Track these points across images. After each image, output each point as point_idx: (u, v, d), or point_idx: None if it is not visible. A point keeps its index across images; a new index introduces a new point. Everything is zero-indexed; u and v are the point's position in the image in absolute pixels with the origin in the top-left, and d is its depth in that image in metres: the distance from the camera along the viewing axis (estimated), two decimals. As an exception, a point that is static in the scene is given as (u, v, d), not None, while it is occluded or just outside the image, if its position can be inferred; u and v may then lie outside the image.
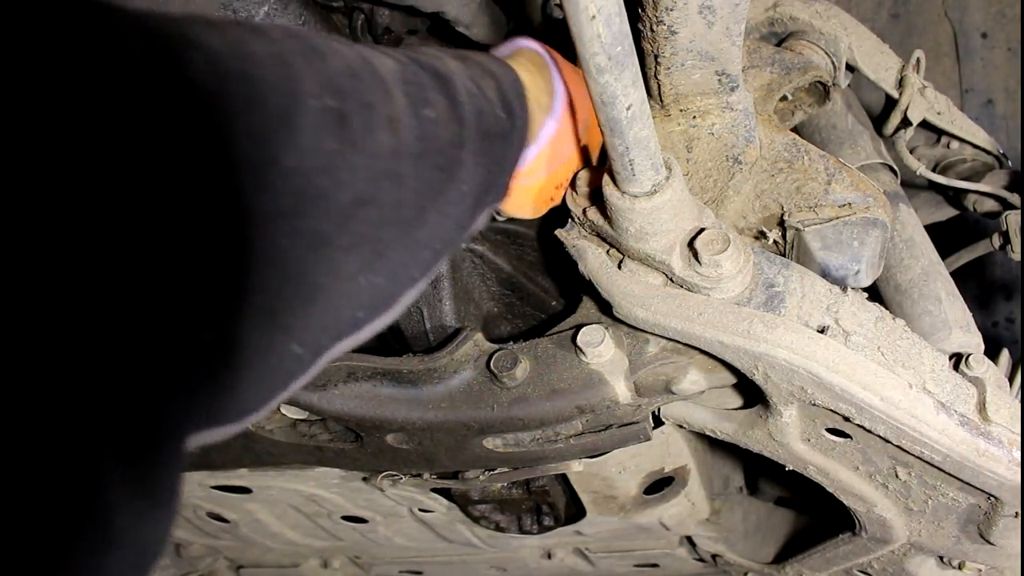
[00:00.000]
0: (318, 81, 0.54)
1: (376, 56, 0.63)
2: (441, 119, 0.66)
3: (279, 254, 0.50)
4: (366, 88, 0.59)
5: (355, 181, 0.56)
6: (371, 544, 1.74)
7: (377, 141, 0.58)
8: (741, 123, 1.01)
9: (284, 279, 0.50)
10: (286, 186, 0.50)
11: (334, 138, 0.54)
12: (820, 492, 1.12)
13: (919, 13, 2.08)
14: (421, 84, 0.65)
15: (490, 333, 1.20)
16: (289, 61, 0.52)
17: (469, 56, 0.78)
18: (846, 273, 1.00)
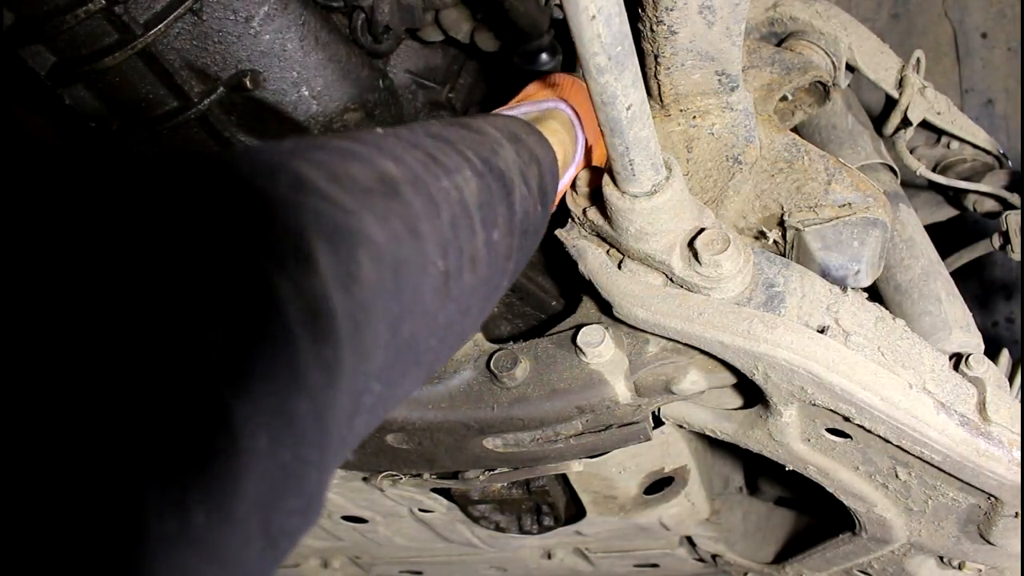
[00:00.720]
0: (436, 243, 0.59)
1: (466, 181, 0.65)
2: (503, 236, 0.69)
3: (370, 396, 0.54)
4: (462, 235, 0.63)
5: (442, 326, 0.61)
6: (371, 544, 1.74)
7: (463, 283, 0.63)
8: (741, 123, 1.01)
9: (365, 413, 0.54)
10: (396, 343, 0.55)
11: (440, 295, 0.59)
12: (820, 492, 1.12)
13: (919, 13, 2.08)
14: (492, 203, 0.68)
15: (490, 333, 1.20)
16: (418, 230, 0.57)
17: (521, 137, 0.79)
18: (846, 273, 1.00)
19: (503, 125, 0.78)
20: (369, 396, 0.52)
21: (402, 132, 0.66)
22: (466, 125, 0.74)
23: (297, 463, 0.43)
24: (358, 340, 0.49)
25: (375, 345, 0.51)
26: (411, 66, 1.27)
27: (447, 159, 0.65)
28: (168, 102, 1.07)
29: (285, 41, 1.04)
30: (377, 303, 0.51)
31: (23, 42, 0.99)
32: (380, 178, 0.56)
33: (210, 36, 1.01)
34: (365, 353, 0.50)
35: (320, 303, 0.46)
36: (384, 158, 0.59)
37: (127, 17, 0.97)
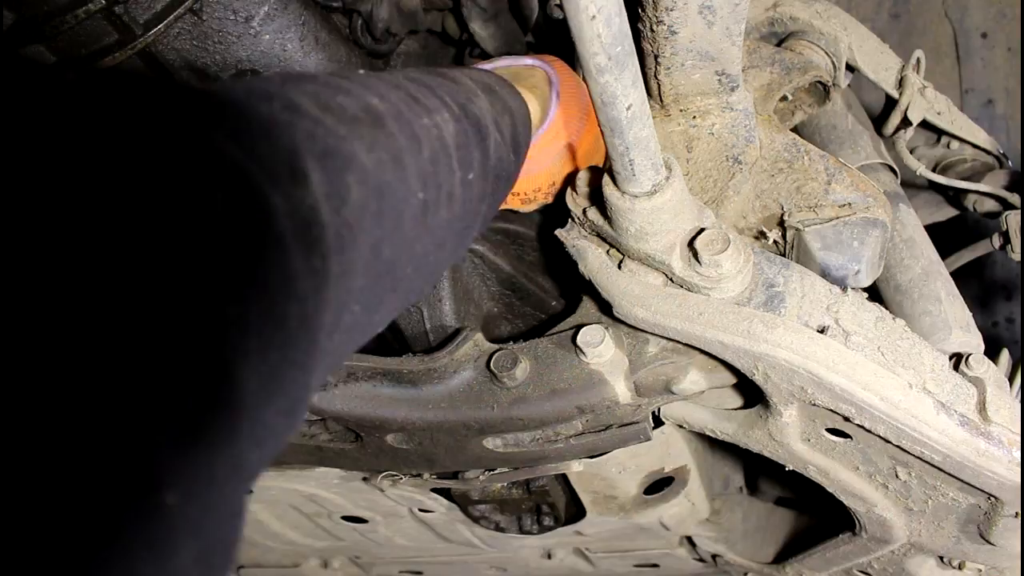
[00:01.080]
0: (418, 174, 0.62)
1: (445, 123, 0.68)
2: (477, 179, 0.72)
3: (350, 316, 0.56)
4: (441, 171, 0.66)
5: (418, 255, 0.64)
6: (371, 544, 1.74)
7: (440, 217, 0.66)
8: (741, 123, 1.01)
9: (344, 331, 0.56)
10: (376, 267, 0.57)
11: (418, 224, 0.62)
12: (820, 492, 1.12)
13: (919, 13, 2.09)
14: (468, 146, 0.71)
15: (490, 333, 1.20)
16: (402, 160, 0.60)
17: (494, 88, 0.82)
18: (846, 273, 1.00)
19: (478, 77, 0.82)
20: (349, 315, 0.55)
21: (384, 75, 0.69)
22: (443, 74, 0.77)
23: (284, 364, 0.45)
24: (343, 256, 0.51)
25: (357, 263, 0.54)
26: (411, 66, 1.27)
27: (427, 101, 0.68)
28: (168, 102, 1.07)
29: (285, 41, 1.04)
30: (362, 223, 0.53)
31: (23, 42, 0.99)
32: (366, 109, 0.59)
33: (210, 36, 1.01)
34: (348, 269, 0.53)
35: (311, 216, 0.48)
36: (370, 93, 0.61)
37: (127, 17, 0.97)
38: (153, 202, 0.38)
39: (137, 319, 0.35)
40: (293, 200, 0.47)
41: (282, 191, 0.46)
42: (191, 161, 0.41)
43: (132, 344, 0.35)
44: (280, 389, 0.45)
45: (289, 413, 0.47)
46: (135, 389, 0.34)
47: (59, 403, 0.32)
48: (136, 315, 0.35)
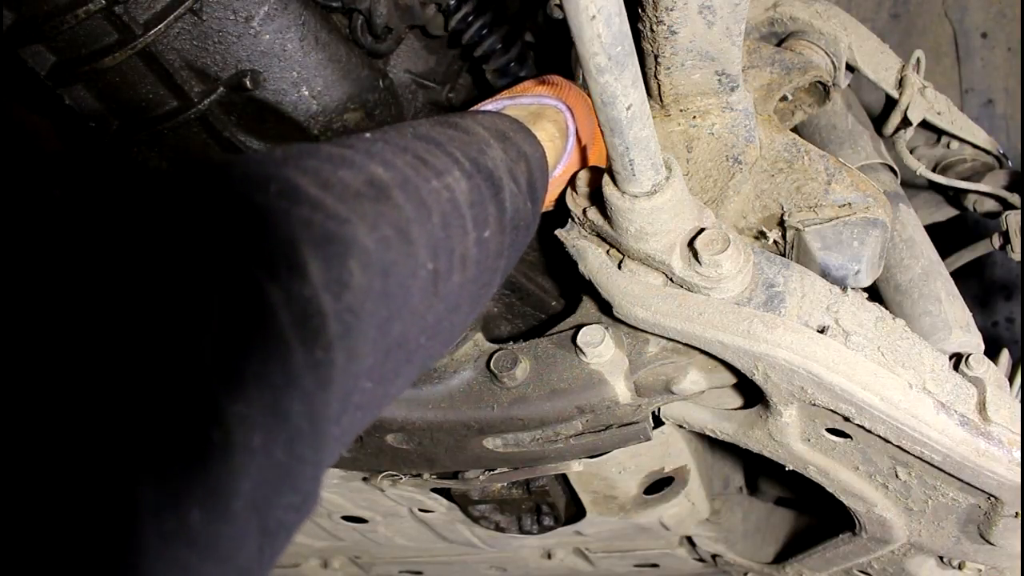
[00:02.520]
0: (427, 245, 0.60)
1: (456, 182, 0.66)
2: (493, 235, 0.70)
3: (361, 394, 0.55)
4: (454, 235, 0.64)
5: (431, 324, 0.62)
6: (371, 544, 1.74)
7: (452, 283, 0.64)
8: (741, 123, 1.01)
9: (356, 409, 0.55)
10: (385, 343, 0.56)
11: (429, 295, 0.60)
12: (820, 492, 1.12)
13: (919, 13, 2.08)
14: (483, 202, 0.69)
15: (490, 333, 1.20)
16: (409, 234, 0.58)
17: (508, 135, 0.79)
18: (846, 273, 1.00)
19: (490, 123, 0.79)
20: (360, 394, 0.54)
21: (391, 136, 0.67)
22: (454, 125, 0.75)
23: (292, 460, 0.45)
24: (348, 342, 0.50)
25: (364, 346, 0.53)
26: (411, 66, 1.27)
27: (436, 160, 0.66)
28: (168, 102, 1.07)
29: (285, 41, 1.04)
30: (366, 307, 0.52)
31: (23, 42, 0.99)
32: (370, 182, 0.58)
33: (210, 36, 1.01)
34: (355, 354, 0.52)
35: (311, 308, 0.47)
36: (374, 163, 0.60)
37: (127, 17, 0.97)
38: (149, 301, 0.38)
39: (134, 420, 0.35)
40: (291, 293, 0.46)
41: (280, 285, 0.45)
42: (188, 259, 0.41)
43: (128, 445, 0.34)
44: (288, 485, 0.45)
45: (299, 508, 0.47)
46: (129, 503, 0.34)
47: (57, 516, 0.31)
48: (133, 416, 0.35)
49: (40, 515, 0.31)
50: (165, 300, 0.39)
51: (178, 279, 0.40)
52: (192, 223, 0.44)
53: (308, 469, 0.47)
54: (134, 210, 0.42)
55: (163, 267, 0.40)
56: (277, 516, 0.44)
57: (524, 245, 0.81)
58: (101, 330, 0.36)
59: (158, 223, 0.42)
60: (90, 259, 0.38)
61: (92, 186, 0.43)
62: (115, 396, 0.35)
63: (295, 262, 0.48)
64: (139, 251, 0.40)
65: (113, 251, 0.39)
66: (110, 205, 0.42)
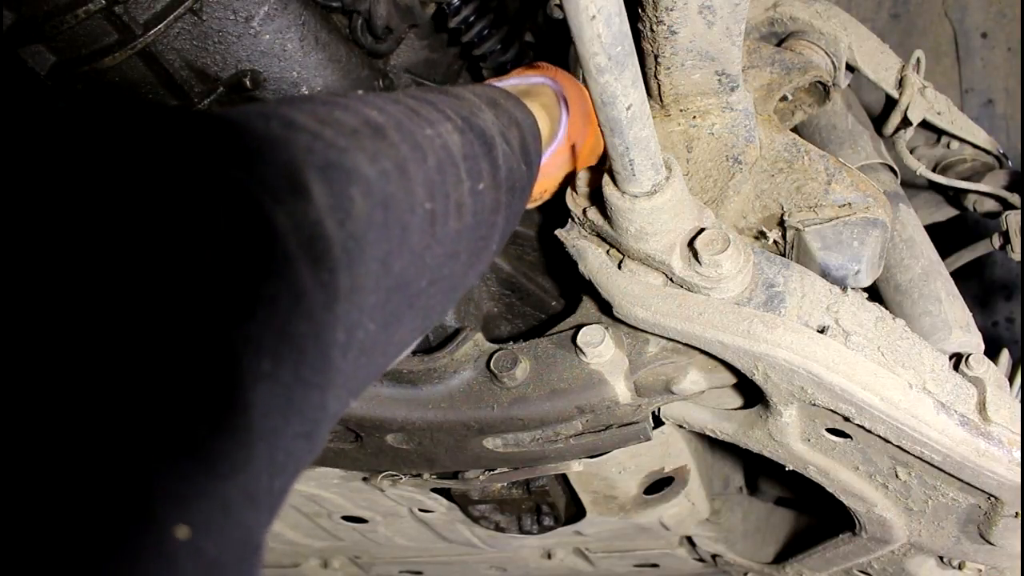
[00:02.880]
0: (423, 184, 0.60)
1: (449, 134, 0.67)
2: (487, 189, 0.71)
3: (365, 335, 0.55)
4: (448, 180, 0.64)
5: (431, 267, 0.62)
6: (371, 544, 1.74)
7: (449, 228, 0.64)
8: (741, 123, 1.01)
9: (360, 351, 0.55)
10: (387, 281, 0.56)
11: (426, 235, 0.61)
12: (820, 492, 1.12)
13: (919, 13, 2.08)
14: (476, 156, 0.69)
15: (490, 333, 1.20)
16: (407, 170, 0.59)
17: (499, 102, 0.80)
18: (846, 273, 1.00)
19: (482, 92, 0.80)
20: (363, 332, 0.53)
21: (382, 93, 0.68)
22: (444, 91, 0.76)
23: (298, 384, 0.44)
24: (352, 270, 0.51)
25: (367, 279, 0.53)
26: (411, 66, 1.27)
27: (428, 113, 0.67)
28: (168, 102, 1.07)
29: (285, 41, 1.04)
30: (368, 236, 0.52)
31: (23, 42, 0.99)
32: (366, 122, 0.59)
33: (210, 36, 1.01)
34: (358, 284, 0.52)
35: (316, 231, 0.47)
36: (368, 108, 0.61)
37: (127, 17, 0.97)
38: (156, 227, 0.38)
39: (144, 342, 0.35)
40: (296, 216, 0.46)
41: (285, 207, 0.45)
42: (192, 185, 0.41)
43: (138, 367, 0.34)
44: (296, 411, 0.44)
45: (308, 436, 0.46)
46: (140, 415, 0.34)
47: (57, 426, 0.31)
48: (143, 338, 0.35)
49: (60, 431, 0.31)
50: (168, 222, 0.38)
51: (181, 203, 0.40)
52: (197, 151, 0.43)
53: (315, 394, 0.46)
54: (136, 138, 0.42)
55: (166, 193, 0.39)
56: (285, 445, 0.43)
57: (521, 209, 0.81)
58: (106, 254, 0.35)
59: (164, 152, 0.42)
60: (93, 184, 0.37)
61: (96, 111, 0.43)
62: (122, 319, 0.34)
63: (298, 185, 0.48)
64: (142, 176, 0.39)
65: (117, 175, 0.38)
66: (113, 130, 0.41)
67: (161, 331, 0.36)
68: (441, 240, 0.63)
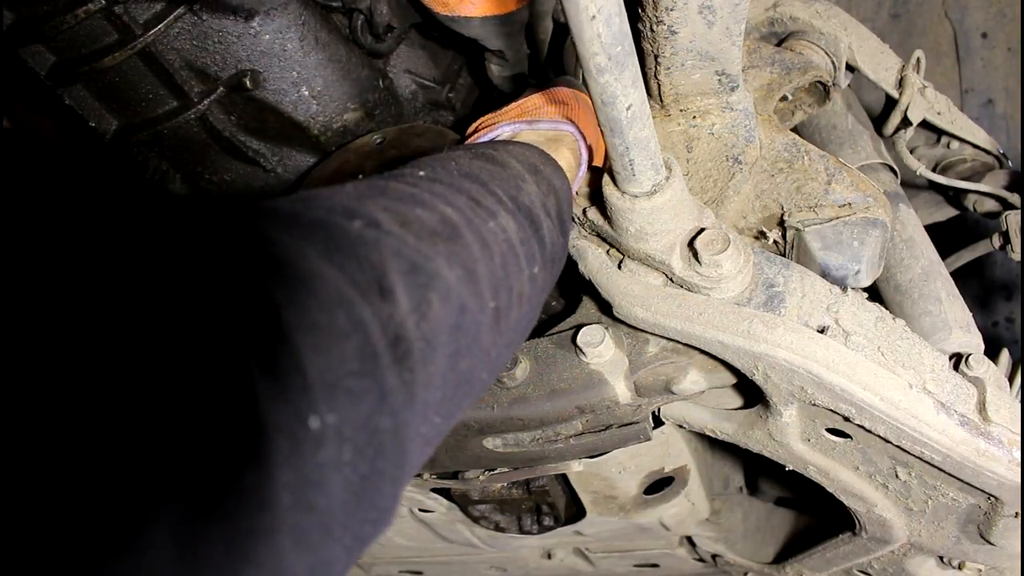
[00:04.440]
0: (489, 283, 0.63)
1: (507, 222, 0.69)
2: (540, 271, 0.73)
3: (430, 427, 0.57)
4: (512, 275, 0.67)
5: (492, 359, 0.65)
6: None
7: (511, 319, 0.67)
8: (741, 123, 1.01)
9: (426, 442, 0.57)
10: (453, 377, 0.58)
11: (493, 332, 0.63)
12: (820, 492, 1.12)
13: (919, 13, 2.08)
14: (529, 241, 0.71)
15: (490, 333, 1.20)
16: (475, 271, 0.61)
17: (539, 168, 0.81)
18: (846, 273, 1.00)
19: (523, 157, 0.81)
20: (428, 426, 0.56)
21: (440, 173, 0.69)
22: (491, 159, 0.77)
23: (376, 476, 0.47)
24: (425, 369, 0.53)
25: (436, 377, 0.55)
26: (411, 66, 1.27)
27: (487, 202, 0.69)
28: (168, 102, 1.07)
29: (285, 41, 1.04)
30: (440, 338, 0.55)
31: (23, 42, 0.99)
32: (444, 221, 0.61)
33: (210, 36, 1.01)
34: (429, 383, 0.54)
35: (400, 330, 0.50)
36: (441, 203, 0.63)
37: (127, 17, 0.97)
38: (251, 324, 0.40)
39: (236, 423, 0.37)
40: (382, 316, 0.49)
41: (373, 307, 0.48)
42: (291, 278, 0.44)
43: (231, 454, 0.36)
44: (370, 501, 0.46)
45: (376, 523, 0.49)
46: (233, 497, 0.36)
47: None
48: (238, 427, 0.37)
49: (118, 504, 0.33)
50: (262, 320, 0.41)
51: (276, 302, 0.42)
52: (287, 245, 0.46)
53: (388, 487, 0.49)
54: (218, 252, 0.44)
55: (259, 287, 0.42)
56: (355, 528, 0.46)
57: (556, 278, 0.83)
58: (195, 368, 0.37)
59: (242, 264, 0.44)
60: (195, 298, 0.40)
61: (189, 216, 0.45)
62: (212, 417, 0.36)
63: (385, 286, 0.50)
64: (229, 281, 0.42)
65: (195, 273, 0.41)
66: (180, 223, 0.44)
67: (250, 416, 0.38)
68: (504, 332, 0.66)
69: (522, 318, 0.70)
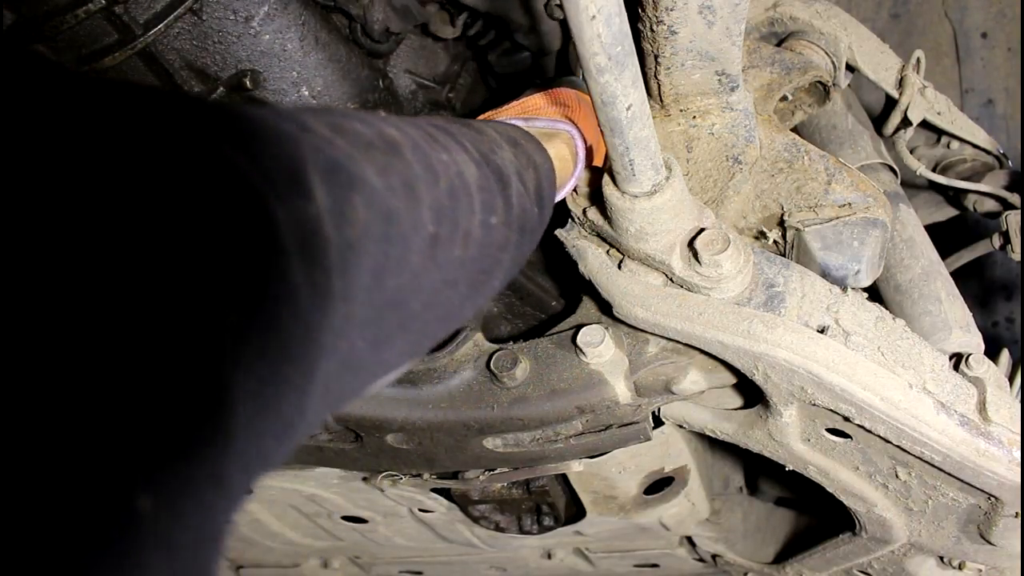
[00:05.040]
0: (431, 207, 0.60)
1: (464, 165, 0.67)
2: (499, 225, 0.70)
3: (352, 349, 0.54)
4: (459, 208, 0.64)
5: (427, 291, 0.62)
6: (371, 544, 1.74)
7: (452, 255, 0.64)
8: (741, 123, 1.01)
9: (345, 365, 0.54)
10: (380, 296, 0.55)
11: (426, 258, 0.60)
12: (820, 492, 1.12)
13: (919, 13, 2.08)
14: (491, 191, 0.69)
15: (490, 333, 1.20)
16: (415, 189, 0.58)
17: (519, 142, 0.80)
18: (846, 273, 1.00)
19: (503, 130, 0.80)
20: (351, 347, 0.52)
21: (404, 117, 0.67)
22: (466, 123, 0.75)
23: (279, 380, 0.43)
24: (345, 279, 0.50)
25: (359, 288, 0.52)
26: (411, 66, 1.27)
27: (447, 141, 0.67)
28: (168, 102, 1.07)
29: (285, 41, 1.04)
30: (365, 245, 0.52)
31: (23, 42, 0.99)
32: (382, 136, 0.58)
33: (210, 36, 1.01)
34: (350, 294, 0.51)
35: (313, 230, 0.47)
36: (386, 125, 0.60)
37: (127, 17, 0.97)
38: (154, 207, 0.37)
39: (131, 318, 0.34)
40: (295, 212, 0.45)
41: (284, 202, 0.45)
42: (194, 166, 0.40)
43: (124, 343, 0.34)
44: (273, 408, 0.43)
45: (280, 437, 0.45)
46: (121, 386, 0.33)
47: (40, 395, 0.31)
48: (130, 314, 0.34)
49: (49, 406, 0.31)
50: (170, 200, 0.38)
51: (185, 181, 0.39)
52: (204, 134, 0.42)
53: (294, 396, 0.45)
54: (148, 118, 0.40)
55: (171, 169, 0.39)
56: (258, 441, 0.42)
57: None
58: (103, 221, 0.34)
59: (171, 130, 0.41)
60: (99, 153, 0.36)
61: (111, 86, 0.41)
62: (108, 286, 0.34)
63: (300, 182, 0.47)
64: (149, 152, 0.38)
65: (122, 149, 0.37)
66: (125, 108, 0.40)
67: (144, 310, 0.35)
68: (442, 265, 0.62)
69: (467, 260, 0.66)
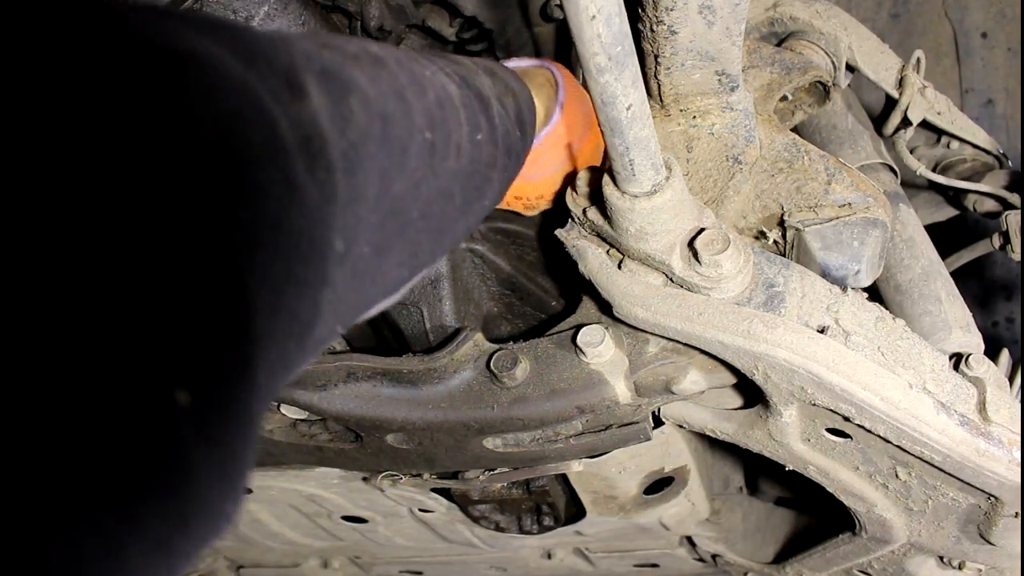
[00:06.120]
0: (423, 113, 0.60)
1: (446, 82, 0.68)
2: (486, 142, 0.71)
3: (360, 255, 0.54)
4: (448, 118, 0.64)
5: (424, 199, 0.62)
6: (371, 544, 1.74)
7: (446, 165, 0.64)
8: (741, 123, 1.01)
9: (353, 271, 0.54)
10: (384, 202, 0.55)
11: (424, 165, 0.60)
12: (820, 492, 1.12)
13: (919, 13, 2.08)
14: (474, 109, 0.70)
15: (490, 333, 1.20)
16: (405, 97, 0.59)
17: (496, 72, 0.81)
18: (846, 273, 1.00)
19: (480, 61, 0.81)
20: (358, 251, 0.52)
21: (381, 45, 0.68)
22: (443, 54, 0.77)
23: (292, 280, 0.43)
24: (352, 178, 0.50)
25: (367, 189, 0.52)
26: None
27: (424, 60, 0.68)
28: (168, 102, 1.07)
29: (285, 41, 1.04)
30: (368, 147, 0.52)
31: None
32: (366, 51, 0.59)
33: (210, 36, 1.01)
34: (358, 195, 0.51)
35: (313, 130, 0.47)
36: (369, 43, 0.61)
37: (127, 17, 0.97)
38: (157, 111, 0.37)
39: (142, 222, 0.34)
40: (292, 114, 0.45)
41: (282, 105, 0.45)
42: (189, 69, 0.40)
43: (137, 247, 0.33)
44: (288, 306, 0.43)
45: (299, 339, 0.45)
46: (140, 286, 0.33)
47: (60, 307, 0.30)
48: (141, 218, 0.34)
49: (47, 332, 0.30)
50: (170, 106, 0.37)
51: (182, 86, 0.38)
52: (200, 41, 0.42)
53: (307, 293, 0.45)
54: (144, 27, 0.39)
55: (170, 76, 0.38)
56: (277, 343, 0.42)
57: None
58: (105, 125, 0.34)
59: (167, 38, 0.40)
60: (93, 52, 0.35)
61: None
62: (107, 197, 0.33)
63: (297, 86, 0.47)
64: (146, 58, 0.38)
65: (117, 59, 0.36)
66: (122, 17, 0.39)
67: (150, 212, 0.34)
68: (438, 174, 0.63)
69: (460, 173, 0.66)
